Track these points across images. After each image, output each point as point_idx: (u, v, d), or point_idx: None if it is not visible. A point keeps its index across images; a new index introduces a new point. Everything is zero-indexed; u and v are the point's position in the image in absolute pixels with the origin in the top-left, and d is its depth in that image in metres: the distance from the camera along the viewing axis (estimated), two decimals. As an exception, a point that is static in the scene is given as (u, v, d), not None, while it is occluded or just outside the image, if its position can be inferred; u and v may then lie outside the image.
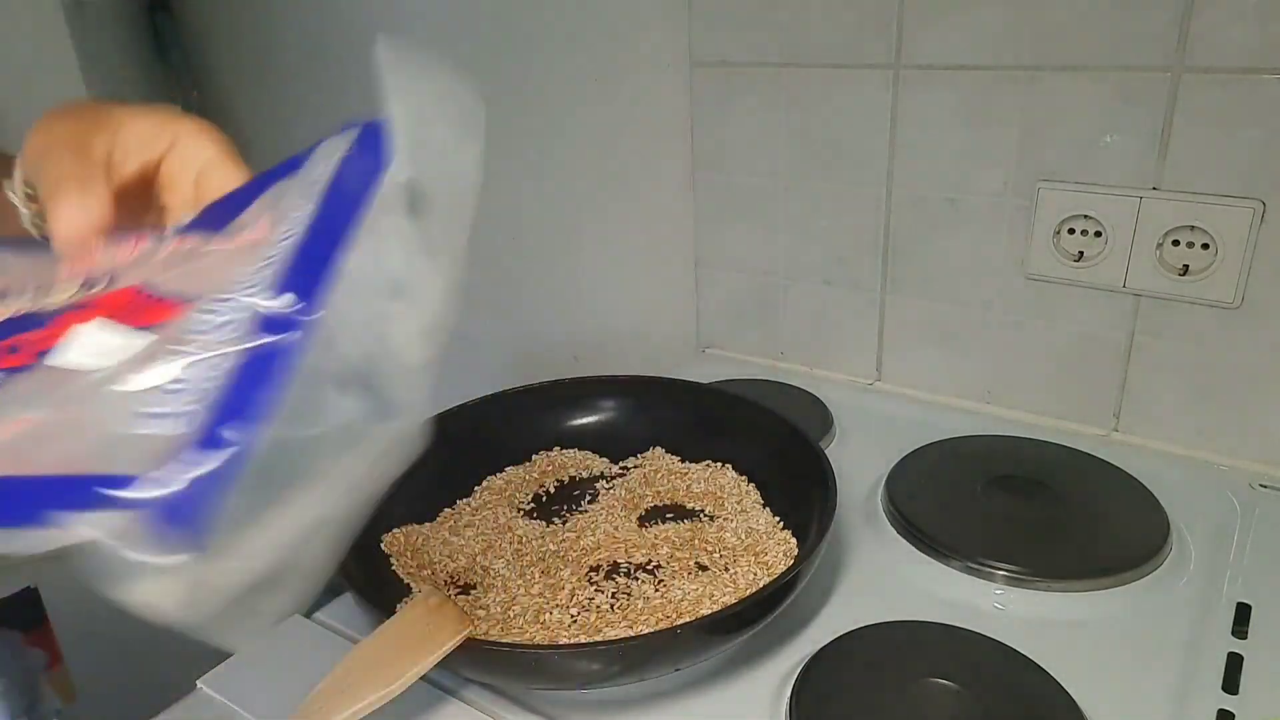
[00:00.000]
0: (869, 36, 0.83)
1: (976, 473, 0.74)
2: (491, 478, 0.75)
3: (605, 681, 0.53)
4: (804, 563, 0.55)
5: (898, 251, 0.89)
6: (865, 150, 0.87)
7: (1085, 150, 0.76)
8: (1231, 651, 0.56)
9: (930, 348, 0.91)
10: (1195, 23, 0.68)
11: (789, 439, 0.69)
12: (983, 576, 0.64)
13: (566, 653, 0.53)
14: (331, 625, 0.63)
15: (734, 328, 1.04)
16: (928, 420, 0.86)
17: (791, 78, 0.89)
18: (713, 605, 0.58)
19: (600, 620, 0.58)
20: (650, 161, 1.03)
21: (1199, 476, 0.75)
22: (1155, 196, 0.74)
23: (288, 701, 0.57)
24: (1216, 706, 0.52)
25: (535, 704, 0.56)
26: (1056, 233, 0.79)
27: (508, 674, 0.54)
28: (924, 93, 0.82)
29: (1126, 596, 0.62)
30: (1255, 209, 0.70)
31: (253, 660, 0.60)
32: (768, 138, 0.92)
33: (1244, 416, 0.76)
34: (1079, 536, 0.68)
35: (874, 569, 0.67)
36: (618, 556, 0.64)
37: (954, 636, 0.57)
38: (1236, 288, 0.73)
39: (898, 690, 0.53)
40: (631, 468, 0.76)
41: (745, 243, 0.98)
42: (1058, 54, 0.75)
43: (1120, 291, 0.78)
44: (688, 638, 0.52)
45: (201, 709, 0.57)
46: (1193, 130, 0.71)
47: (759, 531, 0.66)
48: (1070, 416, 0.85)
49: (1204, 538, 0.68)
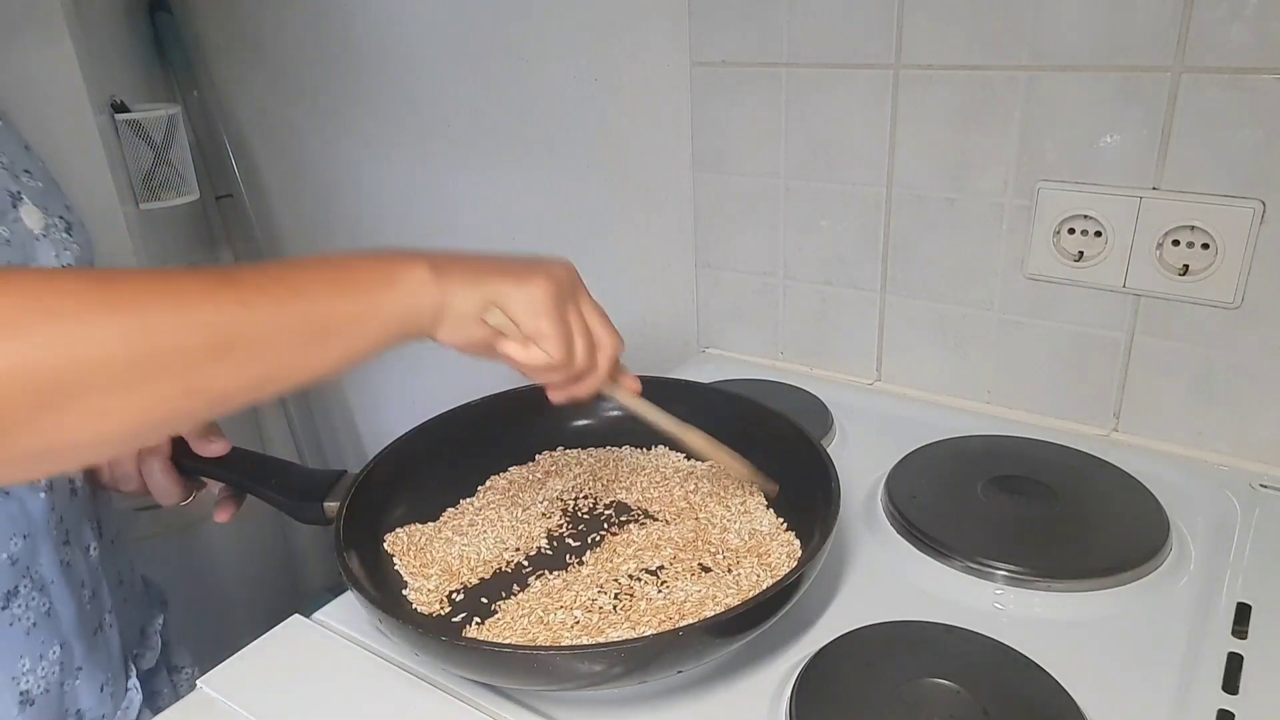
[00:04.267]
0: (869, 36, 0.83)
1: (976, 473, 0.74)
2: (495, 477, 0.75)
3: (608, 682, 0.53)
4: (807, 564, 0.55)
5: (898, 251, 0.89)
6: (865, 150, 0.87)
7: (1085, 150, 0.76)
8: (1231, 651, 0.56)
9: (930, 348, 0.91)
10: (1195, 23, 0.68)
11: (792, 439, 0.69)
12: (983, 576, 0.64)
13: (570, 654, 0.53)
14: (331, 625, 0.63)
15: (734, 328, 1.04)
16: (928, 420, 0.86)
17: (791, 78, 0.89)
18: (716, 607, 0.58)
19: (603, 621, 0.58)
20: (650, 161, 1.03)
21: (1199, 476, 0.75)
22: (1155, 196, 0.74)
23: (288, 701, 0.57)
24: (1216, 706, 0.52)
25: (535, 704, 0.56)
26: (1056, 233, 0.79)
27: (511, 675, 0.54)
28: (924, 93, 0.82)
29: (1126, 596, 0.62)
30: (1255, 209, 0.70)
31: (253, 660, 0.60)
32: (768, 138, 0.92)
33: (1244, 416, 0.76)
34: (1079, 536, 0.68)
35: (874, 569, 0.67)
36: (621, 557, 0.64)
37: (954, 636, 0.57)
38: (1236, 288, 0.73)
39: (898, 690, 0.53)
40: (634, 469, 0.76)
41: (745, 243, 0.98)
42: (1058, 54, 0.75)
43: (1120, 291, 0.78)
44: (691, 639, 0.52)
45: (201, 709, 0.57)
46: (1193, 130, 0.71)
47: (762, 533, 0.66)
48: (1070, 416, 0.85)
49: (1204, 538, 0.68)
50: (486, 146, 1.17)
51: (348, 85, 1.28)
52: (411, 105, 1.22)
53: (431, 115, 1.21)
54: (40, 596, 0.61)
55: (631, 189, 1.06)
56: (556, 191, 1.13)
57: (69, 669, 0.63)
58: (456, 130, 1.19)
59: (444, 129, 1.20)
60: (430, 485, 0.72)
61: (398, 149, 1.27)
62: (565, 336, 0.54)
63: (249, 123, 1.44)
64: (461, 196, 1.23)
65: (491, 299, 0.52)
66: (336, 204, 1.39)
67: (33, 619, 0.60)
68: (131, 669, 0.70)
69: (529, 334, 0.53)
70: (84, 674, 0.64)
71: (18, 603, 0.59)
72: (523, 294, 0.52)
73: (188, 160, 1.33)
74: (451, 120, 1.19)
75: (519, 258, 0.55)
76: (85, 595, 0.65)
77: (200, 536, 1.47)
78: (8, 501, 0.59)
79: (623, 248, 1.10)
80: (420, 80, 1.20)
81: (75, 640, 0.63)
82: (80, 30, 1.20)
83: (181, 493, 0.68)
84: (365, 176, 1.33)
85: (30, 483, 0.60)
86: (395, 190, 1.30)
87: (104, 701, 0.66)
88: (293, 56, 1.33)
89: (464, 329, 0.51)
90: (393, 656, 0.60)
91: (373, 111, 1.27)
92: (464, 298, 0.51)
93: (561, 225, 1.15)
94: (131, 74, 1.36)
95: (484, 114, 1.15)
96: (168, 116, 1.29)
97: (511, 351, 0.53)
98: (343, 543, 0.60)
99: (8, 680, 0.59)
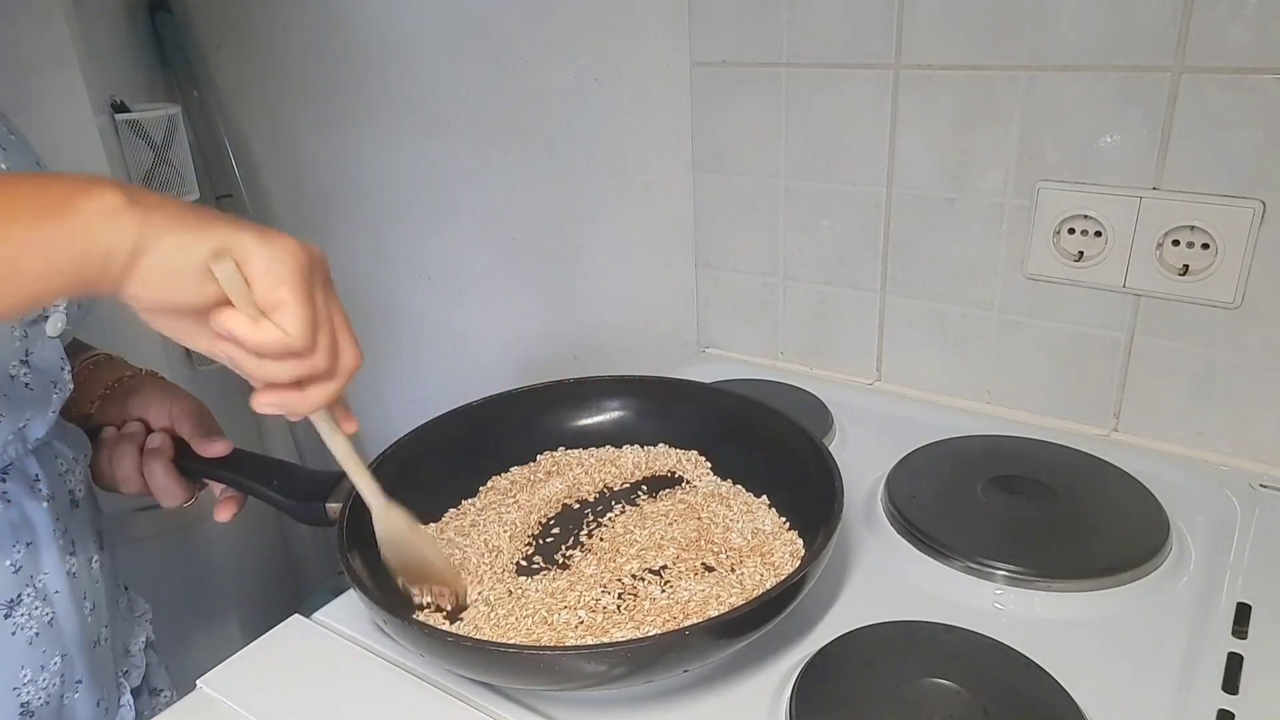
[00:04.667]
0: (869, 36, 0.83)
1: (976, 473, 0.74)
2: (496, 478, 0.75)
3: (612, 683, 0.53)
4: (812, 564, 0.55)
5: (898, 251, 0.89)
6: (865, 150, 0.87)
7: (1085, 150, 0.76)
8: (1231, 651, 0.56)
9: (930, 348, 0.91)
10: (1195, 23, 0.68)
11: (794, 439, 0.69)
12: (983, 576, 0.64)
13: (576, 654, 0.53)
14: (331, 625, 0.63)
15: (734, 328, 1.04)
16: (928, 420, 0.86)
17: (791, 78, 0.89)
18: (720, 606, 0.58)
19: (608, 621, 0.58)
20: (650, 161, 1.03)
21: (1199, 476, 0.75)
22: (1155, 196, 0.74)
23: (288, 701, 0.57)
24: (1216, 707, 0.52)
25: (535, 704, 0.56)
26: (1056, 233, 0.79)
27: (518, 675, 0.54)
28: (924, 93, 0.82)
29: (1126, 596, 0.62)
30: (1255, 209, 0.70)
31: (253, 660, 0.60)
32: (768, 138, 0.92)
33: (1244, 416, 0.76)
34: (1079, 536, 0.68)
35: (874, 569, 0.67)
36: (624, 557, 0.64)
37: (954, 636, 0.57)
38: (1236, 288, 0.73)
39: (897, 690, 0.53)
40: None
41: (745, 243, 0.98)
42: (1058, 54, 0.75)
43: (1120, 291, 0.78)
44: (696, 639, 0.52)
45: (201, 709, 0.57)
46: (1193, 130, 0.71)
47: (765, 532, 0.66)
48: (1070, 416, 0.85)
49: (1204, 538, 0.68)
50: (486, 146, 1.17)
51: (348, 85, 1.28)
52: (411, 105, 1.22)
53: (431, 115, 1.21)
54: (43, 606, 0.60)
55: (631, 189, 1.06)
56: (556, 191, 1.13)
57: (69, 681, 0.62)
58: (456, 130, 1.19)
59: (444, 129, 1.20)
60: (432, 486, 0.72)
61: (397, 149, 1.27)
62: (311, 315, 0.43)
63: (249, 123, 1.44)
64: (461, 196, 1.23)
65: (224, 247, 0.41)
66: (336, 204, 1.39)
67: (35, 628, 0.60)
68: (124, 685, 0.70)
69: (265, 303, 0.42)
70: (82, 687, 0.64)
71: (20, 611, 0.59)
72: (266, 250, 0.41)
73: (188, 160, 1.33)
74: (451, 120, 1.19)
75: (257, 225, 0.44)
76: (87, 607, 0.64)
77: (199, 536, 1.47)
78: (9, 509, 0.58)
79: (623, 248, 1.10)
80: (420, 80, 1.20)
81: (76, 652, 0.63)
82: (80, 30, 1.20)
83: (184, 494, 0.68)
84: (365, 176, 1.33)
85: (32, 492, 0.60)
86: (395, 190, 1.30)
87: (99, 717, 0.65)
88: (293, 56, 1.33)
89: (174, 283, 0.40)
90: (393, 656, 0.60)
91: (373, 111, 1.27)
92: (179, 243, 0.40)
93: (561, 225, 1.15)
94: (131, 74, 1.36)
95: (483, 114, 1.15)
96: (168, 116, 1.29)
97: (235, 323, 0.42)
98: (346, 544, 0.60)
99: (8, 691, 0.58)
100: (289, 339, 0.42)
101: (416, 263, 1.33)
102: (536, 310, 1.23)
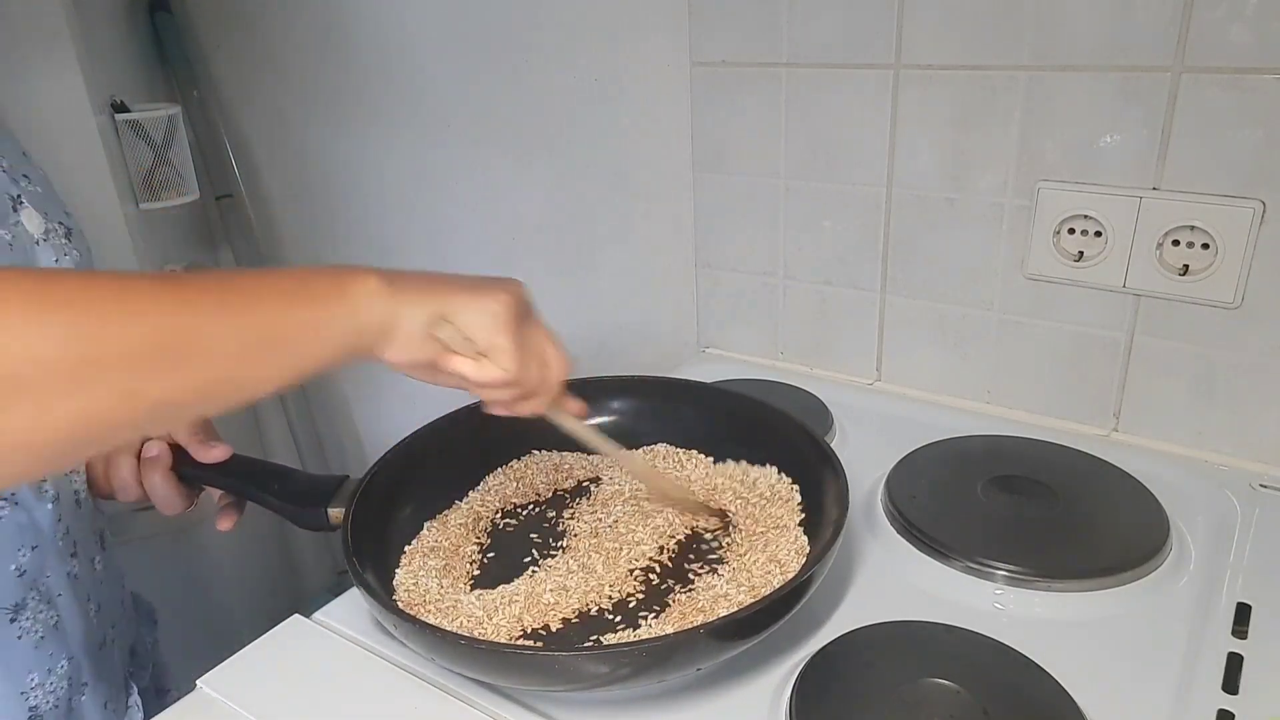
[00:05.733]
0: (869, 36, 0.83)
1: (976, 473, 0.74)
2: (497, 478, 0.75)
3: (618, 683, 0.53)
4: (820, 560, 0.55)
5: (898, 251, 0.89)
6: (865, 150, 0.87)
7: (1085, 150, 0.76)
8: (1231, 651, 0.56)
9: (930, 348, 0.91)
10: (1195, 23, 0.68)
11: (797, 438, 0.69)
12: (983, 576, 0.64)
13: (580, 655, 0.53)
14: (331, 625, 0.63)
15: (734, 327, 1.04)
16: (928, 420, 0.86)
17: (791, 78, 0.89)
18: (729, 605, 0.58)
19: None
20: (650, 161, 1.03)
21: (1199, 476, 0.75)
22: (1155, 196, 0.74)
23: (288, 701, 0.57)
24: (1216, 707, 0.52)
25: (535, 703, 0.56)
26: (1056, 233, 0.79)
27: (520, 676, 0.54)
28: (924, 92, 0.82)
29: (1126, 596, 0.62)
30: (1255, 209, 0.70)
31: (253, 660, 0.60)
32: (768, 138, 0.92)
33: (1244, 416, 0.76)
34: (1079, 536, 0.68)
35: (874, 569, 0.67)
36: (628, 556, 0.64)
37: (954, 636, 0.57)
38: (1236, 288, 0.73)
39: (897, 690, 0.53)
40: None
41: (745, 243, 0.98)
42: (1058, 54, 0.75)
43: (1120, 291, 0.78)
44: (706, 640, 0.52)
45: (201, 709, 0.57)
46: (1193, 130, 0.71)
47: (771, 530, 0.66)
48: (1070, 416, 0.85)
49: (1204, 538, 0.68)
50: (486, 146, 1.17)
51: (348, 85, 1.28)
52: (412, 105, 1.22)
53: (432, 115, 1.21)
54: (48, 609, 0.60)
55: (631, 189, 1.06)
56: (557, 191, 1.13)
57: (76, 684, 0.62)
58: (457, 130, 1.19)
59: (444, 129, 1.20)
60: (433, 487, 0.72)
61: (398, 149, 1.27)
62: (519, 353, 0.53)
63: (249, 123, 1.44)
64: (462, 196, 1.23)
65: (442, 313, 0.51)
66: (336, 204, 1.39)
67: (41, 632, 0.60)
68: (132, 686, 0.70)
69: (483, 349, 0.52)
70: (90, 690, 0.63)
71: (26, 615, 0.59)
72: (478, 307, 0.52)
73: (188, 160, 1.33)
74: (452, 120, 1.19)
75: (473, 277, 0.54)
76: (91, 608, 0.64)
77: (199, 537, 1.47)
78: (16, 511, 0.58)
79: (623, 247, 1.10)
80: (421, 80, 1.20)
81: (82, 654, 0.63)
82: (80, 31, 1.20)
83: (183, 502, 0.67)
84: (365, 176, 1.33)
85: (38, 492, 0.60)
86: (395, 190, 1.30)
87: (108, 719, 0.65)
88: (293, 56, 1.33)
89: (412, 346, 0.50)
90: (393, 656, 0.60)
91: (373, 111, 1.27)
92: (414, 312, 0.50)
93: (562, 225, 1.15)
94: (131, 74, 1.36)
95: (484, 114, 1.15)
96: (168, 116, 1.29)
97: (462, 367, 0.52)
98: (350, 547, 0.60)
99: (16, 695, 0.58)
100: (505, 374, 0.53)
101: (416, 263, 1.33)
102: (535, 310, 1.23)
